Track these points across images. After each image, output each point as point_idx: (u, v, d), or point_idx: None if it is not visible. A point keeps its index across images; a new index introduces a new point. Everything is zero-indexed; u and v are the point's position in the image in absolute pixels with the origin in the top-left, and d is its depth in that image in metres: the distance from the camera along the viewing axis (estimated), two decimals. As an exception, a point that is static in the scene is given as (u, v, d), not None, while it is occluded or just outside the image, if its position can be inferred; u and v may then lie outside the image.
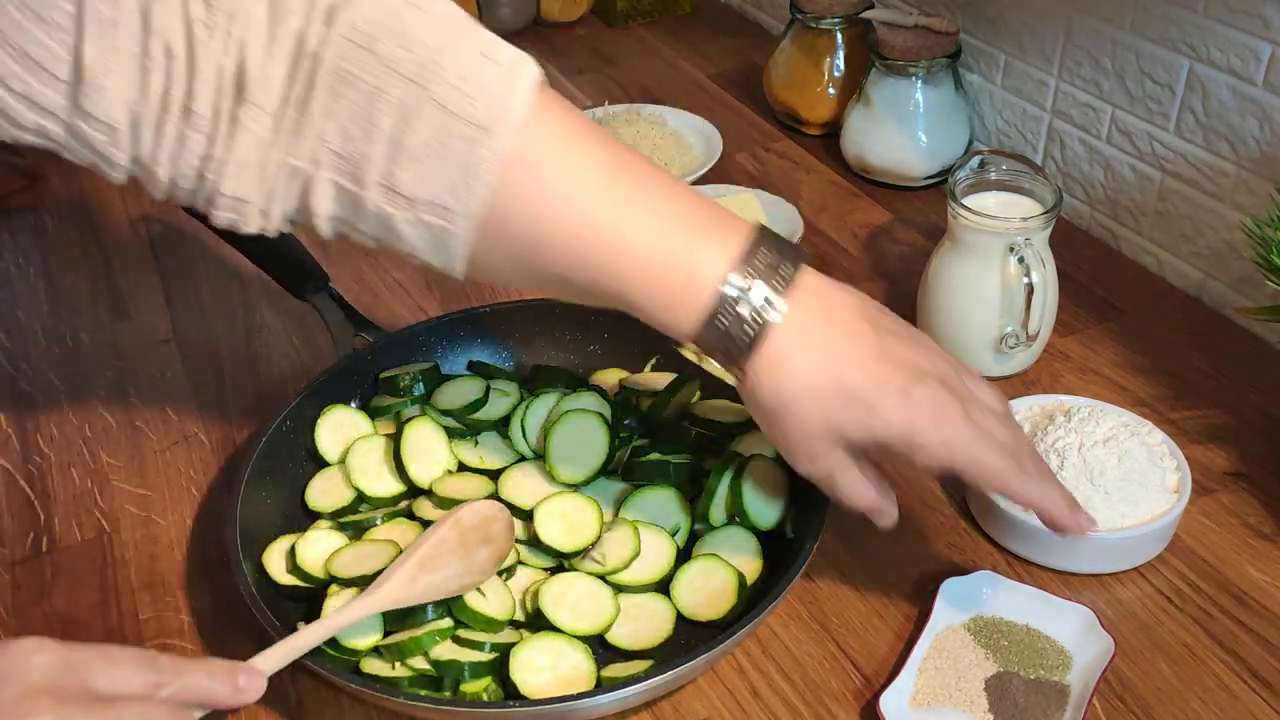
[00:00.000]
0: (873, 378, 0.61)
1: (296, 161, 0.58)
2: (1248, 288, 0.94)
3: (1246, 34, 0.88)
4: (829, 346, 0.61)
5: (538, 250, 0.60)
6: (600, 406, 0.79)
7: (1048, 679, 0.67)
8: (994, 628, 0.69)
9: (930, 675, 0.67)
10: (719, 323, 0.60)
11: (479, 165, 0.57)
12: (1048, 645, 0.69)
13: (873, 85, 1.12)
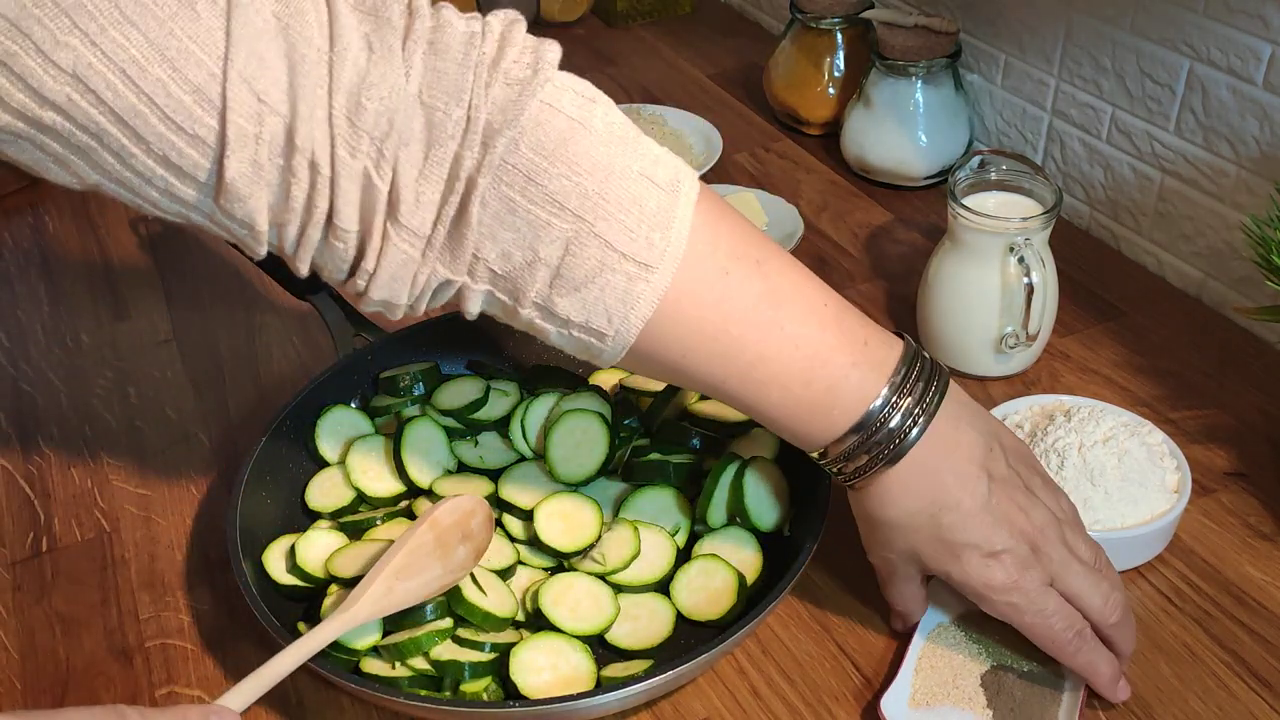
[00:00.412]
0: (966, 531, 0.62)
1: (451, 275, 0.58)
2: (1248, 288, 0.94)
3: (1247, 34, 0.88)
4: (938, 485, 0.62)
5: (684, 366, 0.61)
6: (600, 406, 0.79)
7: (1042, 670, 0.67)
8: (985, 622, 0.69)
9: (927, 675, 0.67)
10: (867, 432, 0.61)
11: (638, 300, 0.58)
12: None
13: (873, 85, 1.12)
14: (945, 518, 0.62)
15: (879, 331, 0.63)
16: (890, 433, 0.60)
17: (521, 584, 0.73)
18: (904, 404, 0.61)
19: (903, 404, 0.61)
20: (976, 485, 0.62)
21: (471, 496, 0.70)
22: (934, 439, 0.61)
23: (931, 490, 0.62)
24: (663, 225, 0.58)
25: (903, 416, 0.61)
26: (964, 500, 0.62)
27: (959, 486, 0.62)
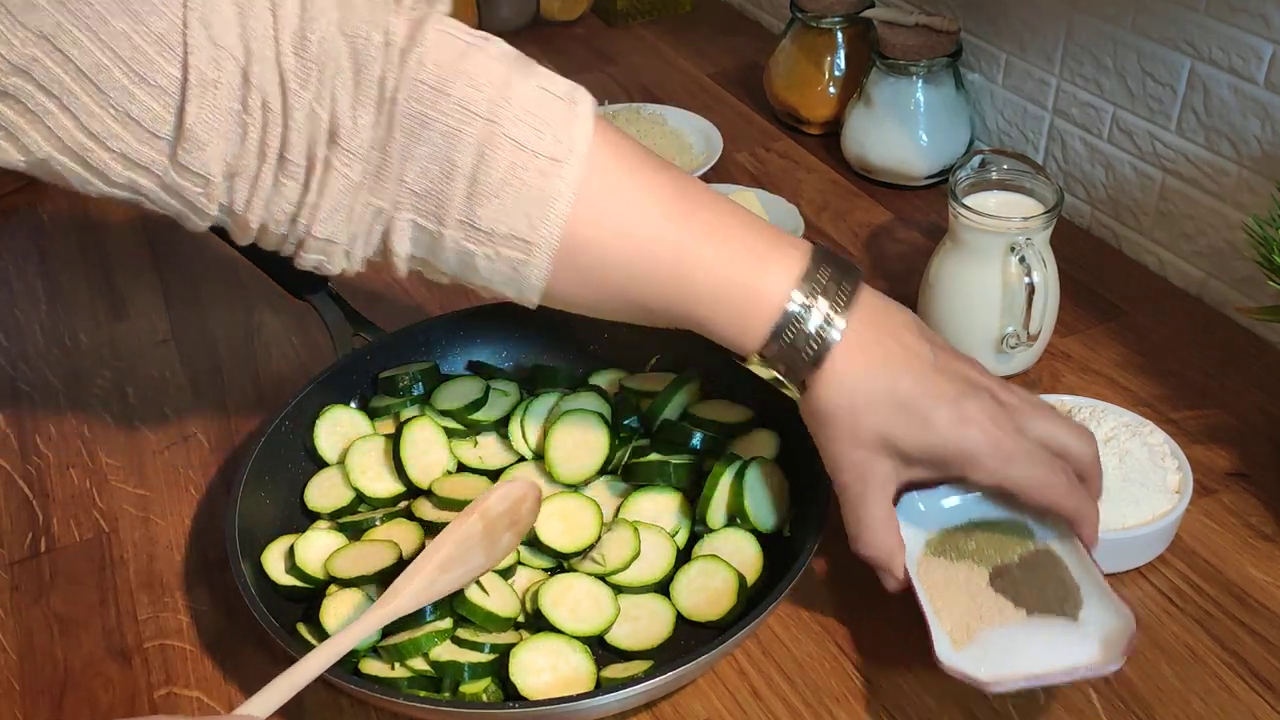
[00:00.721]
0: (927, 391, 0.62)
1: (380, 202, 0.61)
2: (1249, 287, 0.94)
3: (1248, 33, 0.88)
4: (885, 359, 0.63)
5: (609, 276, 0.63)
6: (600, 406, 0.79)
7: (1029, 551, 0.66)
8: (951, 541, 0.68)
9: (947, 613, 0.64)
10: (784, 338, 0.62)
11: (555, 197, 0.61)
12: (1003, 525, 0.68)
13: (873, 84, 1.12)
14: (902, 385, 0.62)
15: (788, 237, 0.65)
16: (818, 323, 0.62)
17: (521, 584, 0.72)
18: (822, 289, 0.62)
19: (821, 290, 0.62)
20: (920, 348, 0.63)
21: (525, 482, 0.69)
22: (866, 318, 0.63)
23: (881, 363, 0.63)
24: (566, 126, 0.61)
25: (826, 300, 0.62)
26: (913, 363, 0.63)
27: (904, 353, 0.63)
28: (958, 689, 0.68)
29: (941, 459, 0.63)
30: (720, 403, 0.82)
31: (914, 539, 0.68)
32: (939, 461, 0.63)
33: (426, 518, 0.74)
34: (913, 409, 0.62)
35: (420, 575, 0.64)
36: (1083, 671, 0.60)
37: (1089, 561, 0.65)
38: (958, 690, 0.68)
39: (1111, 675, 0.68)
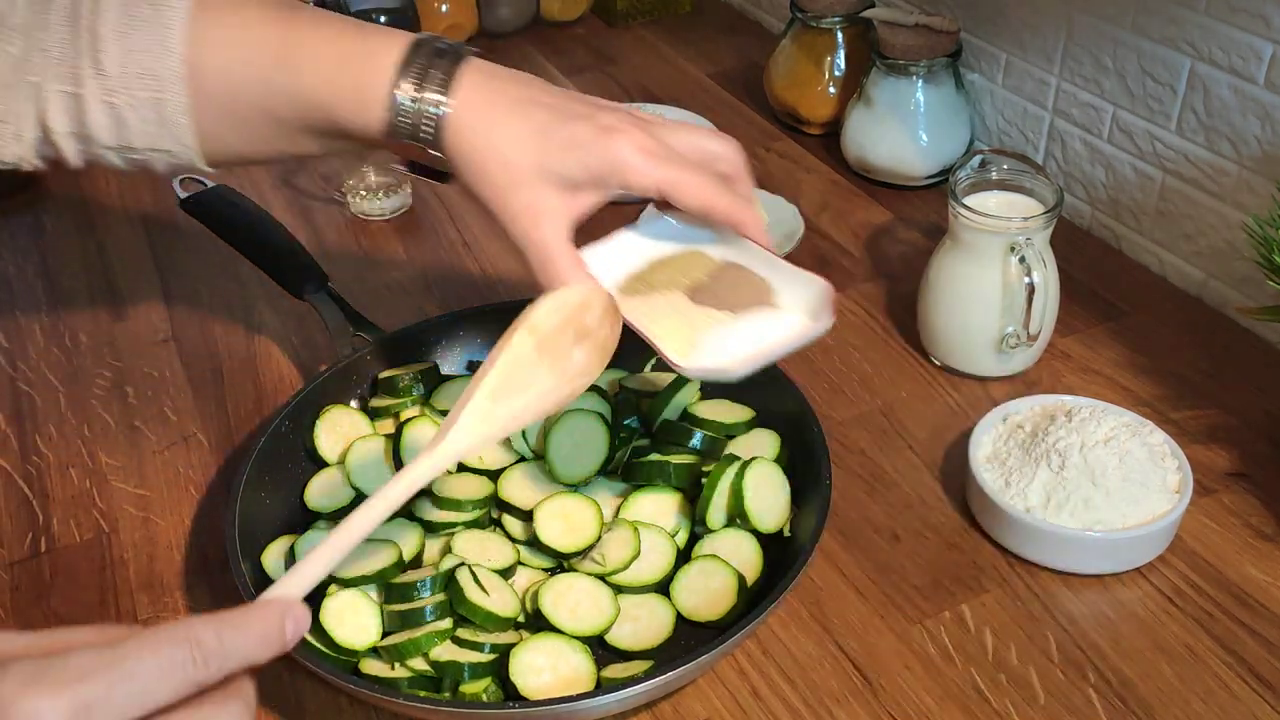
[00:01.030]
0: (562, 114, 0.65)
1: (33, 77, 0.64)
2: (1249, 287, 0.94)
3: (1248, 33, 0.88)
4: (511, 106, 0.65)
5: (242, 98, 0.66)
6: (600, 406, 0.79)
7: (713, 268, 0.69)
8: (640, 281, 0.69)
9: (665, 334, 0.65)
10: (402, 118, 0.64)
11: (168, 28, 0.64)
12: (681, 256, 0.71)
13: (873, 84, 1.12)
14: (536, 117, 0.64)
15: (393, 30, 0.67)
16: (426, 98, 0.64)
17: (521, 584, 0.72)
18: (423, 75, 0.64)
19: (422, 75, 0.64)
20: (544, 90, 0.66)
21: (581, 288, 0.64)
22: (475, 82, 0.65)
23: (505, 111, 0.65)
24: None
25: (436, 76, 0.64)
26: (540, 99, 0.65)
27: (528, 95, 0.65)
28: (958, 689, 0.68)
29: (598, 171, 0.64)
30: (720, 403, 0.82)
31: (609, 273, 0.69)
32: (596, 175, 0.64)
33: (426, 517, 0.74)
34: (554, 132, 0.64)
35: (467, 408, 0.58)
36: (803, 337, 0.65)
37: (767, 255, 0.68)
38: (958, 690, 0.68)
39: (1112, 675, 0.68)
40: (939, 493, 0.81)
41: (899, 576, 0.75)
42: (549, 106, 0.65)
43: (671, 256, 0.70)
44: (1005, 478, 0.76)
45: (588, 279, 0.65)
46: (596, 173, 0.64)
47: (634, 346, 0.86)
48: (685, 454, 0.77)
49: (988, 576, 0.75)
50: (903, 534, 0.78)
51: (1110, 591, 0.73)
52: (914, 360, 0.93)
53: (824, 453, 0.73)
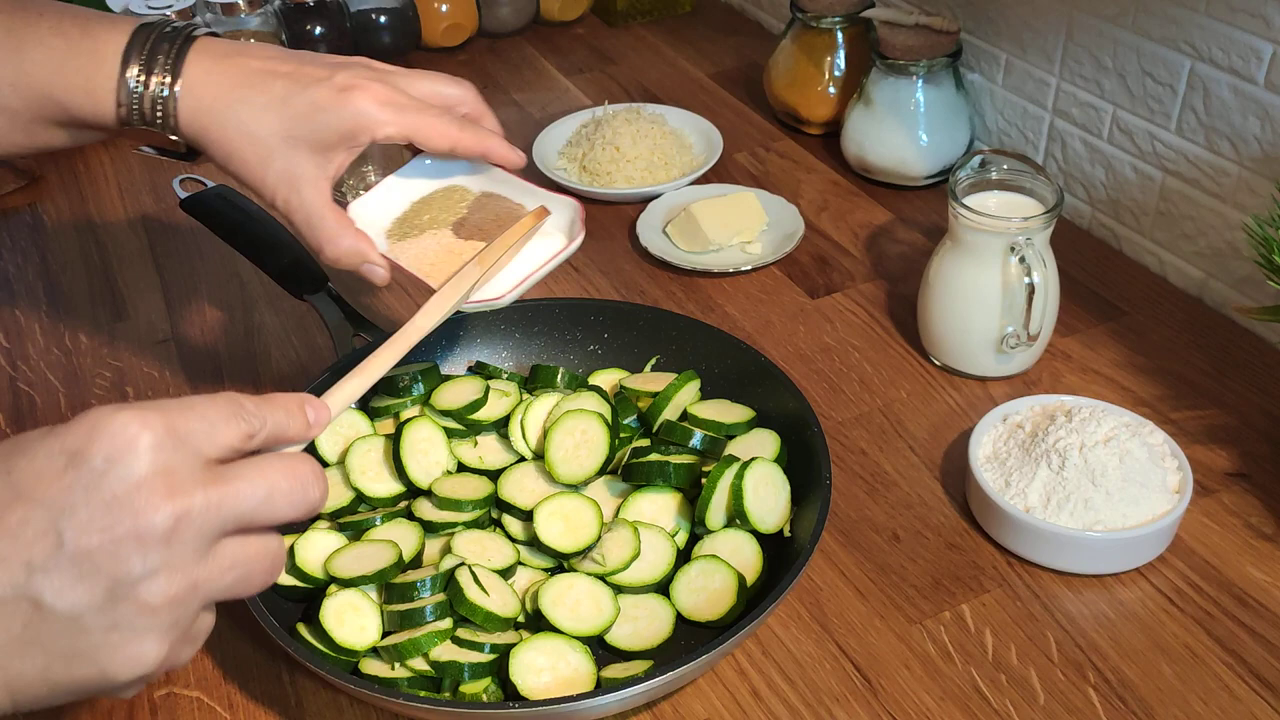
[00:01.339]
0: (298, 80, 0.66)
1: None
2: (1249, 288, 0.94)
3: (1248, 33, 0.88)
4: (248, 75, 0.66)
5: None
6: (600, 406, 0.79)
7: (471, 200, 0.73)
8: (405, 224, 0.73)
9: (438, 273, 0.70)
10: (134, 107, 0.65)
11: None
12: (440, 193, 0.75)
13: (873, 85, 1.12)
14: (274, 88, 0.66)
15: (113, 17, 0.68)
16: (154, 88, 0.65)
17: (521, 584, 0.72)
18: (150, 61, 0.65)
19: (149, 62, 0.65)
20: (277, 59, 0.67)
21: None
22: (204, 65, 0.66)
23: (240, 86, 0.66)
24: None
25: (161, 61, 0.65)
26: (274, 68, 0.66)
27: (261, 67, 0.66)
28: (958, 689, 0.68)
29: (344, 130, 0.66)
30: (720, 403, 0.82)
31: (375, 236, 0.72)
32: (343, 134, 0.66)
33: (426, 518, 0.74)
34: (295, 100, 0.65)
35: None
36: (561, 256, 0.72)
37: (519, 182, 0.72)
38: (958, 690, 0.68)
39: (1111, 675, 0.68)
40: (939, 493, 0.81)
41: (899, 576, 0.75)
42: (286, 75, 0.66)
43: (432, 195, 0.74)
44: (1005, 478, 0.76)
45: (355, 234, 0.69)
46: (343, 131, 0.66)
47: (634, 345, 0.87)
48: (685, 454, 0.77)
49: (988, 576, 0.75)
50: (903, 534, 0.78)
51: (1110, 591, 0.73)
52: (914, 360, 0.93)
53: (824, 453, 0.73)
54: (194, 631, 0.47)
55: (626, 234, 1.10)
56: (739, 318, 0.98)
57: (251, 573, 0.47)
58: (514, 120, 1.30)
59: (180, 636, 0.46)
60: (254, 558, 0.47)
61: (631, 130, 1.16)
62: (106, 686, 0.44)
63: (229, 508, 0.45)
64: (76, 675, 0.44)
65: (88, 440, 0.43)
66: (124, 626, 0.43)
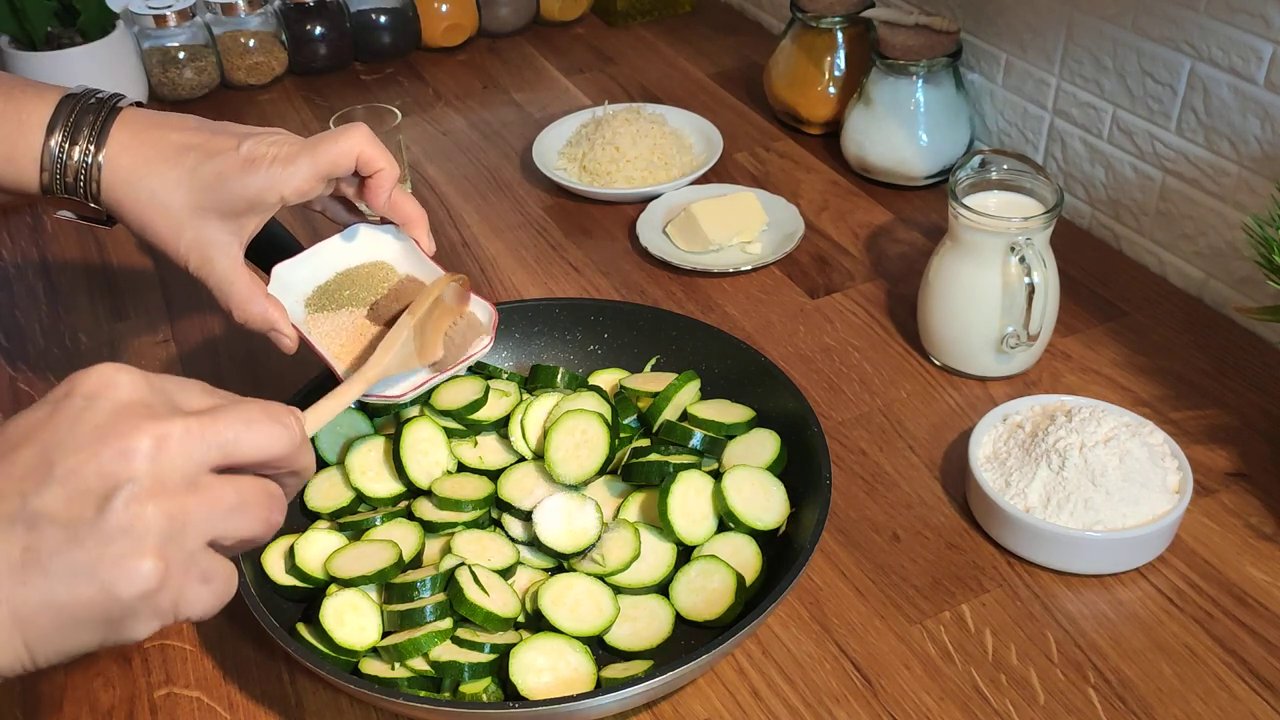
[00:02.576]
0: (207, 151, 0.68)
1: None
2: (1249, 287, 0.94)
3: (1248, 33, 0.88)
4: (165, 149, 0.68)
5: None
6: (600, 406, 0.79)
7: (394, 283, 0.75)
8: (327, 295, 0.74)
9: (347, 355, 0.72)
10: (57, 178, 0.67)
11: None
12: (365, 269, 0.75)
13: (873, 85, 1.12)
14: (186, 159, 0.68)
15: (38, 86, 0.69)
16: (77, 160, 0.67)
17: (521, 584, 0.72)
18: (74, 133, 0.67)
19: (72, 134, 0.67)
20: (192, 133, 0.69)
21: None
22: (126, 140, 0.67)
23: (158, 160, 0.67)
24: None
25: (85, 135, 0.67)
26: (189, 138, 0.68)
27: (178, 140, 0.68)
28: (958, 689, 0.68)
29: (250, 198, 0.68)
30: (720, 403, 0.82)
31: (294, 304, 0.73)
32: (250, 201, 0.68)
33: (426, 518, 0.74)
34: (202, 171, 0.67)
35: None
36: (473, 357, 0.73)
37: (438, 271, 0.74)
38: (958, 690, 0.68)
39: (1111, 675, 0.68)
40: (939, 493, 0.81)
41: (899, 576, 0.75)
42: (197, 147, 0.68)
43: (358, 268, 0.75)
44: (1005, 478, 0.76)
45: (264, 301, 0.71)
46: (249, 199, 0.68)
47: (634, 345, 0.87)
48: (685, 454, 0.77)
49: (988, 576, 0.75)
50: (903, 534, 0.78)
51: (1110, 591, 0.73)
52: (914, 360, 0.93)
53: (824, 453, 0.73)
54: (205, 569, 0.47)
55: (626, 234, 1.10)
56: (739, 318, 0.98)
57: (248, 505, 0.48)
58: (514, 120, 1.30)
59: (183, 564, 0.46)
60: (247, 493, 0.48)
61: (631, 130, 1.16)
62: (114, 609, 0.44)
63: (210, 436, 0.47)
64: (80, 595, 0.44)
65: (69, 388, 0.47)
66: (118, 539, 0.44)
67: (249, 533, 0.48)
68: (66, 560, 0.44)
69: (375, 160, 0.71)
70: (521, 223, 1.13)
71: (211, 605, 0.48)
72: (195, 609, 0.47)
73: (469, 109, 1.33)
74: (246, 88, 1.39)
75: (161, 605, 0.46)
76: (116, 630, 0.45)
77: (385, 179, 0.72)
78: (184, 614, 0.47)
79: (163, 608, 0.46)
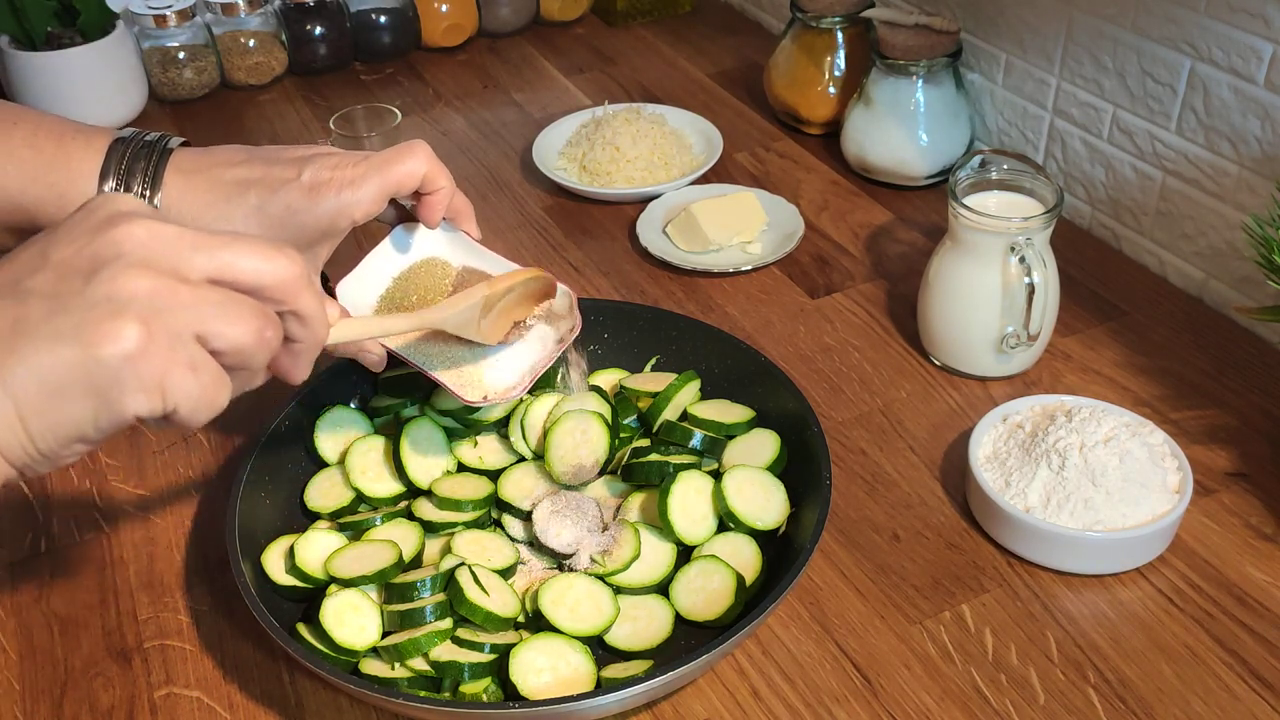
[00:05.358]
0: (270, 185, 0.67)
1: None
2: (1249, 287, 0.94)
3: (1248, 33, 0.88)
4: (223, 187, 0.67)
5: None
6: (600, 406, 0.79)
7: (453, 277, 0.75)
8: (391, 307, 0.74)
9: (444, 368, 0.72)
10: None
11: None
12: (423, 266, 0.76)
13: (873, 84, 1.12)
14: (249, 196, 0.67)
15: (87, 129, 0.69)
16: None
17: (521, 585, 0.72)
18: (127, 180, 0.67)
19: (126, 180, 0.67)
20: (247, 155, 0.69)
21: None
22: (180, 181, 0.67)
23: (221, 199, 0.67)
24: None
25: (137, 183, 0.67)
26: (245, 173, 0.67)
27: (231, 167, 0.68)
28: (958, 689, 0.68)
29: (325, 227, 0.68)
30: (720, 403, 0.82)
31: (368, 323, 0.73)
32: (324, 230, 0.68)
33: (426, 518, 0.74)
34: (270, 207, 0.67)
35: None
36: (565, 343, 0.74)
37: (495, 256, 0.75)
38: (958, 690, 0.68)
39: (1111, 675, 0.68)
40: (939, 493, 0.81)
41: (899, 576, 0.75)
42: (258, 182, 0.67)
43: (413, 269, 0.75)
44: (1005, 478, 0.76)
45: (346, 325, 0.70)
46: (321, 229, 0.68)
47: (634, 345, 0.87)
48: (685, 454, 0.77)
49: (988, 576, 0.75)
50: (903, 534, 0.78)
51: (1110, 591, 0.73)
52: (914, 360, 0.93)
53: (824, 453, 0.73)
54: (192, 355, 0.47)
55: (626, 234, 1.10)
56: (739, 318, 0.98)
57: (240, 309, 0.48)
58: (514, 120, 1.30)
59: (168, 341, 0.46)
60: (241, 300, 0.48)
61: (631, 130, 1.16)
62: (97, 372, 0.45)
63: (207, 244, 0.48)
64: (63, 357, 0.44)
65: (76, 209, 0.49)
66: (101, 303, 0.45)
67: (239, 338, 0.48)
68: (51, 325, 0.45)
69: (437, 179, 0.71)
70: (521, 223, 1.13)
71: (200, 402, 0.47)
72: (184, 397, 0.46)
73: (469, 109, 1.33)
74: (246, 88, 1.39)
75: (145, 376, 0.45)
76: (106, 400, 0.45)
77: (443, 197, 0.72)
78: (173, 400, 0.46)
79: (147, 380, 0.45)
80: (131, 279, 0.45)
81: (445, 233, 0.76)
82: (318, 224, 0.68)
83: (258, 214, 0.67)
